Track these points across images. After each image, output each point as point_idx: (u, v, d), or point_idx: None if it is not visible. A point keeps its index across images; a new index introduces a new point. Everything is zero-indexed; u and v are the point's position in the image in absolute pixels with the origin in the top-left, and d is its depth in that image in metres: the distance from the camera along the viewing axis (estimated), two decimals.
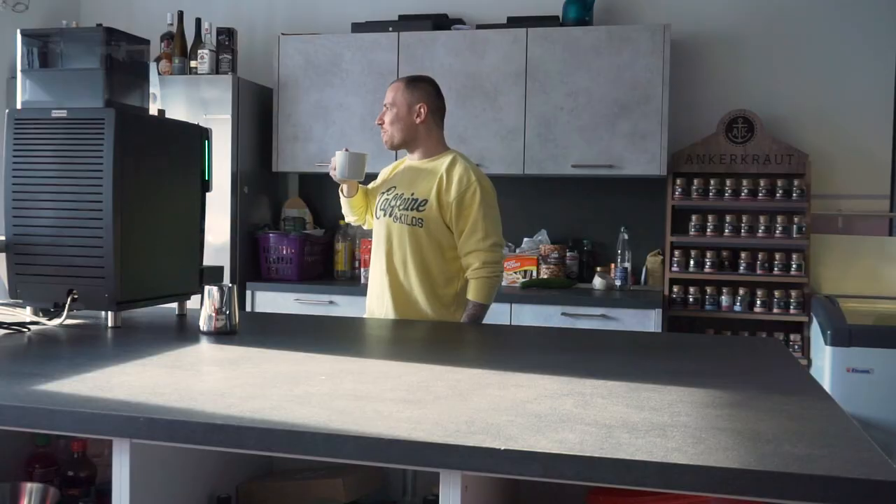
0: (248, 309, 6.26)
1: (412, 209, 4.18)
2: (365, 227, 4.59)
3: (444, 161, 4.27)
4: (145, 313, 3.86)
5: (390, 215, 4.24)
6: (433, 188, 4.17)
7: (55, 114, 3.41)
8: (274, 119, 6.60)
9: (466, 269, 4.17)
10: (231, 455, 2.53)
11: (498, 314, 5.75)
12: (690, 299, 6.14)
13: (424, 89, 4.32)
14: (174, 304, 3.87)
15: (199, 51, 6.48)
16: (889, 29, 6.16)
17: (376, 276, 4.29)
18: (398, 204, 4.23)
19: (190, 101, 6.37)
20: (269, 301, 6.26)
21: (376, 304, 4.28)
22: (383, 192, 4.36)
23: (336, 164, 4.29)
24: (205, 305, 3.34)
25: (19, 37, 3.58)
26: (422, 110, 4.26)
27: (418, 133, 4.29)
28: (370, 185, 4.55)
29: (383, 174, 4.54)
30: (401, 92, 4.29)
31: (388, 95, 4.33)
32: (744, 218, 6.10)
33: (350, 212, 4.50)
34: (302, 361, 2.89)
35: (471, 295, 4.17)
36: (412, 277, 4.17)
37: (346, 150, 4.34)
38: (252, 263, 6.55)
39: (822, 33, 6.26)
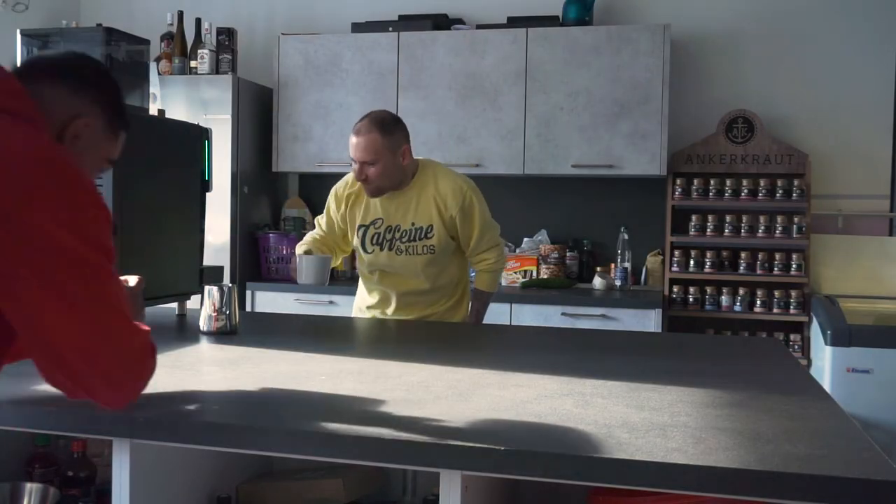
0: (248, 309, 6.26)
1: (420, 239, 4.06)
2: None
3: (424, 179, 4.09)
4: (145, 313, 3.86)
5: (390, 248, 4.09)
6: (433, 211, 4.05)
7: None
8: (274, 119, 6.60)
9: (479, 262, 4.25)
10: (231, 455, 2.53)
11: (498, 314, 5.75)
12: (690, 299, 6.14)
13: (399, 129, 4.00)
14: (174, 304, 3.88)
15: (199, 51, 6.48)
16: (889, 29, 6.16)
17: (378, 292, 4.23)
18: (399, 237, 4.07)
19: (190, 101, 6.37)
20: (269, 301, 6.25)
21: (377, 310, 4.25)
22: (366, 227, 4.14)
23: (299, 269, 3.94)
24: (205, 305, 3.35)
25: (19, 37, 3.58)
26: (406, 151, 3.99)
27: (404, 171, 4.03)
28: (325, 222, 4.27)
29: (341, 200, 4.20)
30: (380, 145, 3.89)
31: (362, 152, 3.91)
32: (744, 218, 6.09)
33: None
34: (302, 361, 2.89)
35: (486, 286, 4.30)
36: (421, 293, 4.17)
37: (309, 251, 4.07)
38: (252, 263, 6.55)
39: (822, 33, 6.25)
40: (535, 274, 6.35)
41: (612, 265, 6.32)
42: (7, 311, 1.81)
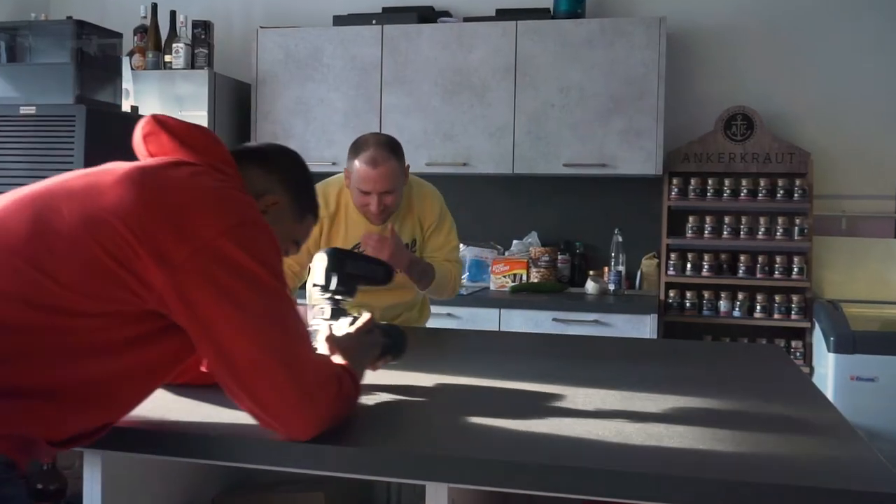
0: None
1: None
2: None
3: (406, 194, 4.01)
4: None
5: None
6: (415, 226, 4.03)
7: (23, 110, 3.41)
8: (252, 116, 6.59)
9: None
10: (207, 466, 2.52)
11: (486, 320, 5.76)
12: (687, 304, 6.14)
13: (402, 149, 3.86)
14: None
15: (174, 45, 6.47)
16: (895, 21, 6.17)
17: (356, 309, 4.15)
18: None
19: (164, 97, 6.35)
20: None
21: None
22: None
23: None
24: None
25: None
26: (408, 171, 3.93)
27: None
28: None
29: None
30: (398, 171, 3.77)
31: (385, 183, 3.73)
32: (743, 219, 6.10)
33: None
34: None
35: (440, 271, 3.99)
36: (403, 302, 4.16)
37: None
38: None
39: (826, 25, 6.25)
40: (524, 278, 6.35)
41: (606, 269, 6.32)
42: (197, 337, 1.95)
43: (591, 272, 6.31)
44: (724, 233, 6.11)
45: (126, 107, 3.89)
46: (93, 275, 1.86)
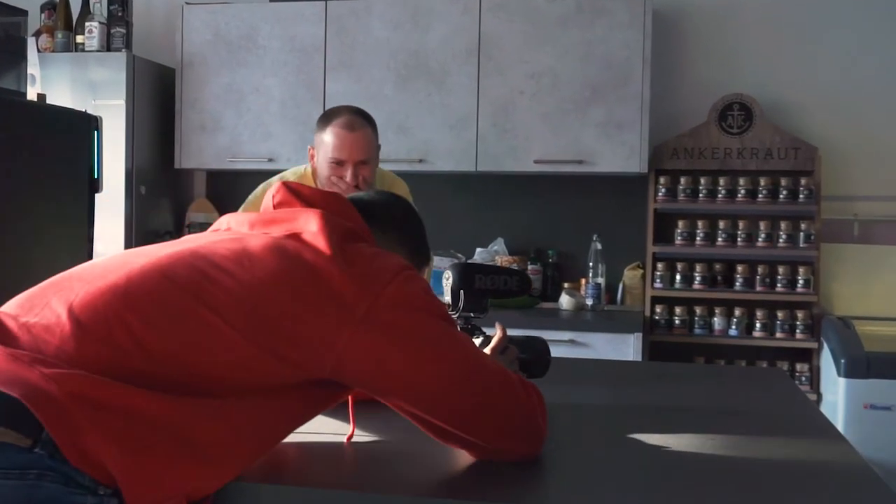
0: None
1: None
2: None
3: None
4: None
5: None
6: None
7: None
8: (177, 105, 6.56)
9: None
10: None
11: None
12: (676, 321, 6.15)
13: (376, 123, 4.00)
14: None
15: (87, 23, 6.44)
16: None
17: None
18: None
19: (76, 83, 6.32)
20: None
21: None
22: None
23: None
24: None
25: None
26: (380, 150, 4.04)
27: None
28: None
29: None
30: (373, 140, 3.90)
31: (361, 151, 3.83)
32: (740, 224, 6.11)
33: None
34: None
35: None
36: None
37: None
38: None
39: (834, 4, 6.29)
40: None
41: (583, 280, 6.33)
42: (391, 389, 2.09)
43: (566, 285, 6.33)
44: (719, 239, 6.12)
45: (32, 94, 3.87)
46: (267, 332, 1.96)
